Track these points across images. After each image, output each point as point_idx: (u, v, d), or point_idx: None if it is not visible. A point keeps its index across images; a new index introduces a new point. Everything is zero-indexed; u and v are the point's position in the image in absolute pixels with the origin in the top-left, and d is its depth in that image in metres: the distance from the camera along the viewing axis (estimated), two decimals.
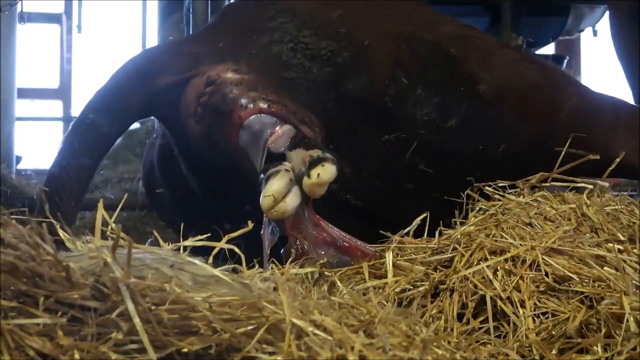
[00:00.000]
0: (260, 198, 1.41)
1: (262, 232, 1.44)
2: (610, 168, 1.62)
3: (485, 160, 1.72)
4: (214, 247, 1.07)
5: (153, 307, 0.79)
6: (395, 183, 1.77)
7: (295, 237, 1.43)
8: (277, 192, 1.40)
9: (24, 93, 5.98)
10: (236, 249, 1.08)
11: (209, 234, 1.09)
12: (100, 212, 0.92)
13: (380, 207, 1.77)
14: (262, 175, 1.46)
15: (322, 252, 1.41)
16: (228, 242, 1.07)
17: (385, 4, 1.87)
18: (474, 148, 1.73)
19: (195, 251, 1.01)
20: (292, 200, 1.42)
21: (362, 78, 1.70)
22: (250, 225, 1.17)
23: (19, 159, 5.17)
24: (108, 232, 1.05)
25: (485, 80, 1.74)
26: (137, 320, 0.76)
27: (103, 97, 1.71)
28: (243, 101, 1.60)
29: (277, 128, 1.55)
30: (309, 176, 1.41)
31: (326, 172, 1.42)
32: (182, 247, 1.03)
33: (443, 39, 1.77)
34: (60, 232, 1.04)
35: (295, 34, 1.71)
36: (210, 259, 1.04)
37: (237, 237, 1.11)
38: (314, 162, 1.42)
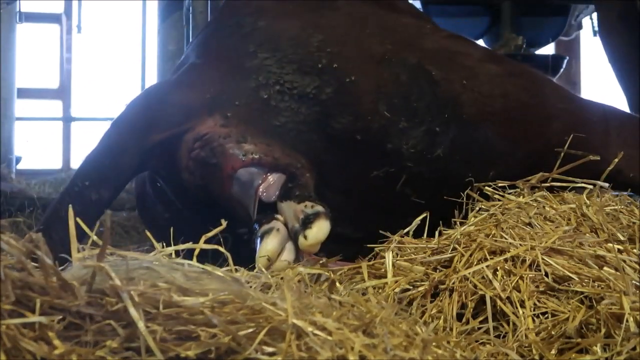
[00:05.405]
0: (256, 257, 1.43)
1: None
2: (603, 175, 1.62)
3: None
4: (204, 254, 1.07)
5: (152, 312, 0.79)
6: (388, 212, 1.76)
7: None
8: (271, 252, 1.43)
9: (24, 93, 5.99)
10: (221, 248, 1.08)
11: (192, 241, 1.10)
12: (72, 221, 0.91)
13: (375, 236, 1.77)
14: (255, 226, 1.48)
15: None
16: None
17: (365, 17, 1.84)
18: (463, 176, 1.68)
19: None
20: (287, 257, 1.44)
21: (346, 116, 1.70)
22: (224, 224, 1.16)
23: (18, 159, 5.18)
24: (92, 238, 1.03)
25: (469, 103, 1.72)
26: (141, 325, 0.76)
27: (94, 161, 1.67)
28: (232, 154, 1.61)
29: (268, 176, 1.57)
30: (305, 237, 1.43)
31: (322, 230, 1.44)
32: (173, 253, 1.03)
33: (425, 59, 1.75)
34: None
35: (279, 71, 1.71)
36: (194, 260, 1.03)
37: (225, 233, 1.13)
38: (308, 219, 1.45)
